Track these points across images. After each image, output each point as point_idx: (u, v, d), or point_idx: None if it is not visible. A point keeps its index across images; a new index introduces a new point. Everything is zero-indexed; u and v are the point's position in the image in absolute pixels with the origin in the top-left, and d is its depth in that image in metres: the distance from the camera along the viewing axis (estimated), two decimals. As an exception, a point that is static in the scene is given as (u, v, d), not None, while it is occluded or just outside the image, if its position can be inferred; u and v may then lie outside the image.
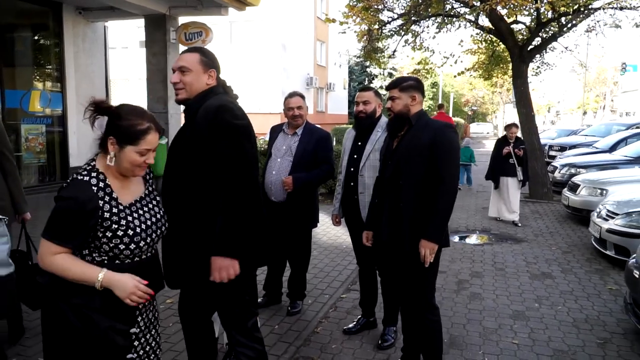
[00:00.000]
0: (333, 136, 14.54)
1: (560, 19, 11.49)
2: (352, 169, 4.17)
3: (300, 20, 30.64)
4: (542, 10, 10.98)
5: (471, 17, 12.24)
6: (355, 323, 4.49)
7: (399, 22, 12.59)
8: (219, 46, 26.53)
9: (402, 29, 12.63)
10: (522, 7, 10.62)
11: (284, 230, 4.61)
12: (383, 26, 12.62)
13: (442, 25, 12.92)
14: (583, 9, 10.82)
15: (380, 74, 43.40)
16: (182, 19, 10.81)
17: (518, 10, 10.86)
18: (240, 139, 2.63)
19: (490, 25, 12.09)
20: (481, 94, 50.30)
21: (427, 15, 12.17)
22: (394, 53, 14.38)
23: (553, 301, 5.31)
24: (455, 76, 16.81)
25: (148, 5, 9.69)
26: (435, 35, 13.50)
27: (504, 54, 13.98)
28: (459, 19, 12.39)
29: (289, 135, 4.60)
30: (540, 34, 12.12)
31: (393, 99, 3.40)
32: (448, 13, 12.30)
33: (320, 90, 35.22)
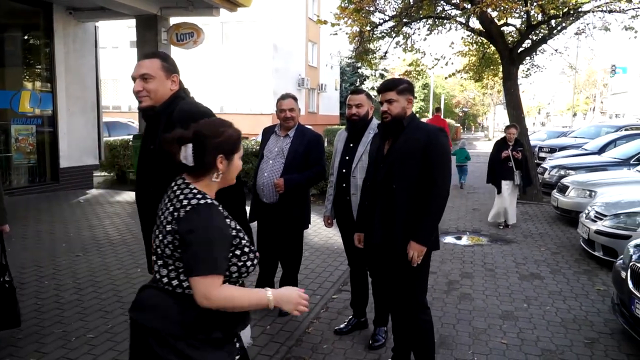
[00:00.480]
0: (325, 137, 14.56)
1: (550, 22, 11.58)
2: (344, 171, 4.19)
3: (292, 21, 30.66)
4: (532, 13, 11.05)
5: (462, 20, 12.31)
6: (346, 323, 4.52)
7: (391, 24, 12.64)
8: (210, 47, 26.58)
9: (394, 30, 12.67)
10: (512, 10, 10.69)
11: (275, 232, 4.63)
12: (374, 28, 12.65)
13: (433, 27, 12.99)
14: (572, 11, 10.92)
15: (371, 75, 43.50)
16: (174, 20, 10.80)
17: (508, 13, 10.93)
18: None
19: (480, 27, 12.17)
20: (472, 96, 50.46)
21: (419, 17, 12.24)
22: (386, 54, 14.45)
23: (542, 301, 5.36)
24: (446, 78, 16.89)
25: (139, 6, 9.67)
26: (426, 37, 13.54)
27: (495, 56, 14.06)
28: (449, 21, 12.46)
29: (281, 137, 4.61)
30: (530, 36, 12.21)
31: (391, 102, 3.35)
32: (439, 15, 12.37)
33: (312, 91, 35.25)
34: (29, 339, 4.04)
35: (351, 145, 4.21)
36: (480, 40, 14.05)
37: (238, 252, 2.02)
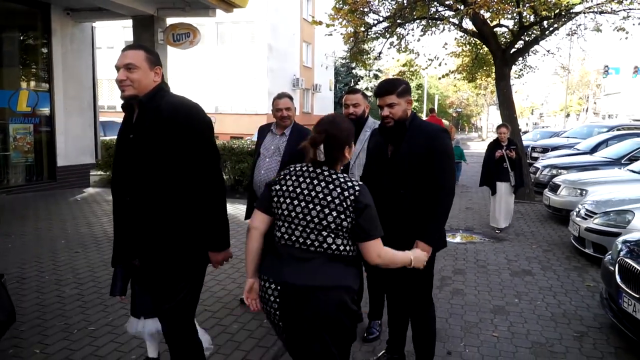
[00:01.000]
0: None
1: (542, 23, 11.72)
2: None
3: (287, 22, 30.75)
4: (524, 14, 11.19)
5: (455, 21, 12.45)
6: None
7: (385, 25, 12.76)
8: (205, 47, 26.65)
9: (388, 31, 12.79)
10: (505, 11, 10.82)
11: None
12: (369, 29, 12.77)
13: (427, 28, 13.10)
14: (564, 13, 11.05)
15: (366, 75, 43.69)
16: (170, 20, 10.88)
17: (501, 14, 11.07)
18: (213, 137, 2.83)
19: (473, 28, 12.31)
20: (465, 96, 50.66)
21: (412, 18, 12.36)
22: (380, 55, 14.58)
23: (532, 297, 5.49)
24: (440, 78, 17.01)
25: (136, 7, 9.76)
26: (420, 38, 13.63)
27: (488, 56, 14.21)
28: (443, 22, 12.58)
29: (277, 136, 4.72)
30: (522, 37, 12.35)
31: (392, 106, 3.26)
32: (432, 16, 12.48)
33: (307, 92, 35.35)
34: (32, 331, 4.13)
35: (348, 144, 4.32)
36: (473, 41, 14.20)
37: None
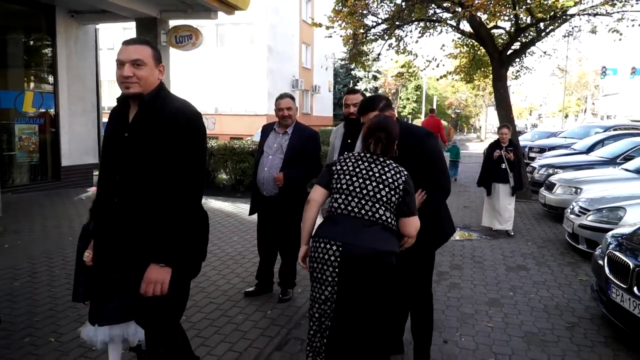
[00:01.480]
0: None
1: (538, 25, 11.90)
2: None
3: (286, 24, 30.93)
4: (521, 16, 11.37)
5: (452, 23, 12.63)
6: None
7: (383, 27, 12.93)
8: (206, 48, 26.79)
9: (386, 33, 12.97)
10: (501, 13, 11.01)
11: (275, 223, 4.93)
12: (368, 30, 12.95)
13: (425, 30, 13.30)
14: (559, 14, 11.23)
15: (364, 76, 43.86)
16: (172, 22, 11.06)
17: (497, 16, 11.25)
18: (206, 147, 2.70)
19: (471, 30, 12.48)
20: (464, 97, 50.80)
21: (411, 20, 12.54)
22: (379, 56, 14.76)
23: (526, 290, 5.67)
24: (438, 79, 17.20)
25: (139, 9, 9.93)
26: (417, 40, 13.87)
27: (485, 58, 14.38)
28: (440, 24, 12.77)
29: (280, 134, 4.92)
30: (519, 38, 12.52)
31: None
32: (430, 18, 12.68)
33: (306, 93, 35.52)
34: (46, 322, 4.31)
35: (349, 141, 4.51)
36: (470, 43, 14.38)
37: None
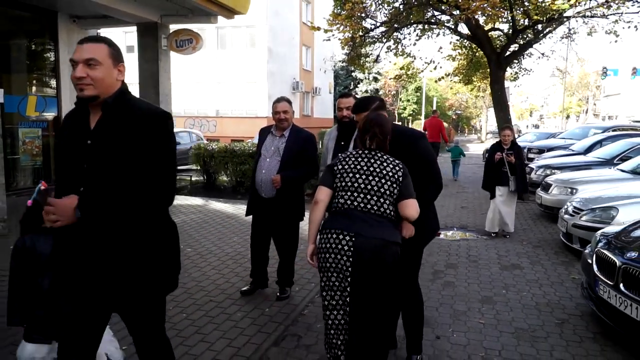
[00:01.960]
0: (319, 139, 14.85)
1: (535, 27, 12.04)
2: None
3: (286, 26, 31.07)
4: (518, 18, 11.51)
5: (450, 25, 12.79)
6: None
7: (382, 30, 13.09)
8: (206, 51, 26.96)
9: (385, 36, 13.13)
10: (499, 16, 11.15)
11: (273, 224, 5.07)
12: (366, 33, 13.11)
13: (423, 33, 13.46)
14: (556, 16, 11.37)
15: (365, 78, 44.00)
16: (173, 27, 11.20)
17: (495, 19, 11.39)
18: (175, 149, 2.56)
19: (468, 32, 12.63)
20: (465, 98, 50.87)
21: (408, 22, 12.70)
22: (378, 58, 14.92)
23: (519, 288, 5.80)
24: (437, 81, 17.35)
25: (141, 14, 10.07)
26: (416, 42, 14.05)
27: (483, 59, 14.53)
28: (438, 27, 12.92)
29: (277, 137, 5.07)
30: (516, 40, 12.67)
31: None
32: (428, 21, 12.83)
33: (306, 95, 35.67)
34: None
35: (342, 143, 4.65)
36: (468, 45, 14.53)
37: None
